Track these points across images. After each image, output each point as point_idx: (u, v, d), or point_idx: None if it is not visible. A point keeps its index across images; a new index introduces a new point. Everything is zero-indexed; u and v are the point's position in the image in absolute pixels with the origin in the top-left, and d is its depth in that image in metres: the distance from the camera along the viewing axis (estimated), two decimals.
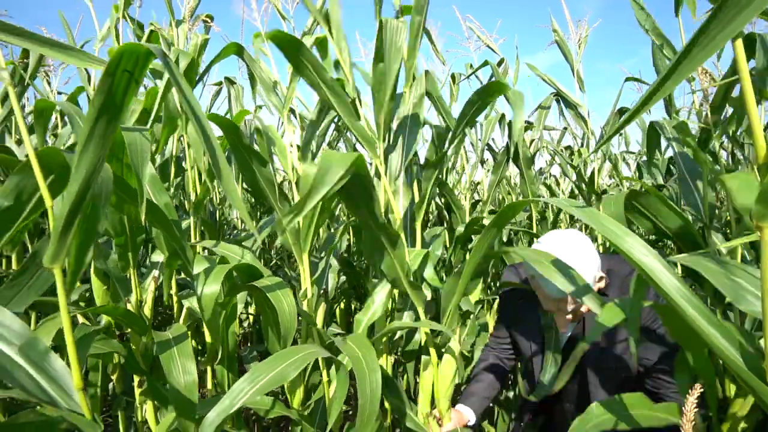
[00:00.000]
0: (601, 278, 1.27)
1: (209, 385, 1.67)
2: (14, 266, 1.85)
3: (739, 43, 0.58)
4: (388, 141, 1.49)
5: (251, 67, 1.66)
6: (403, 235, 1.23)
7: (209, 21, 1.65)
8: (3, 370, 0.67)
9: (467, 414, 1.44)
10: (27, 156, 0.68)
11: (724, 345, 0.54)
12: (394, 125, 1.58)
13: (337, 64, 1.72)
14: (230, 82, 2.70)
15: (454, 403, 1.47)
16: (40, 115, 1.71)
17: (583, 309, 1.29)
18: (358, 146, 2.72)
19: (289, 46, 1.13)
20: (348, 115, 1.20)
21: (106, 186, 0.70)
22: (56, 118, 2.58)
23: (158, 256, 1.81)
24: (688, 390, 0.52)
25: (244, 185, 2.60)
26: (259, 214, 3.34)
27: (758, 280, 0.63)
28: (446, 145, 1.84)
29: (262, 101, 2.37)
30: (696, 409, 0.50)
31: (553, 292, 1.19)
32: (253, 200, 3.33)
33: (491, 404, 2.10)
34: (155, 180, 1.32)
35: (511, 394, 2.31)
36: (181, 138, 1.70)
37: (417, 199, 1.64)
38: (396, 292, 1.55)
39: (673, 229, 1.27)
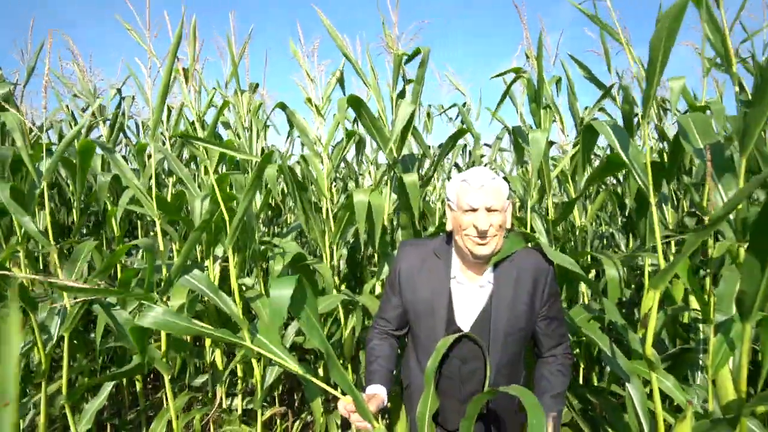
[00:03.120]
0: (510, 205, 1.39)
1: None
2: None
3: None
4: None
5: (291, 118, 2.43)
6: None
7: (256, 89, 2.43)
8: (207, 295, 1.44)
9: (381, 393, 1.38)
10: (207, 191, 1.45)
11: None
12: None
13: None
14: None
15: None
16: (139, 152, 2.46)
17: (496, 245, 1.33)
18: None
19: (355, 104, 1.92)
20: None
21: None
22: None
23: (219, 250, 2.58)
24: None
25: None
26: (270, 217, 4.12)
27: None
28: (433, 167, 2.64)
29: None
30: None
31: (477, 181, 1.31)
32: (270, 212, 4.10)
33: None
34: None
35: None
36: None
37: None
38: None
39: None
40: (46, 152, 2.43)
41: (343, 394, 1.24)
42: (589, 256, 2.48)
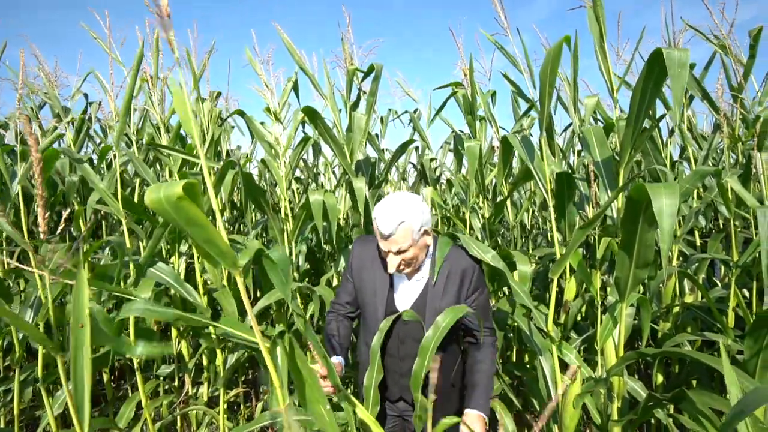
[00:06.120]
0: (426, 232, 1.51)
1: None
2: None
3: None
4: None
5: (249, 125, 2.61)
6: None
7: (218, 97, 2.59)
8: (173, 286, 1.62)
9: (341, 363, 1.65)
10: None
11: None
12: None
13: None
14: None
15: None
16: (101, 156, 2.58)
17: (414, 266, 1.54)
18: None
19: (311, 116, 2.07)
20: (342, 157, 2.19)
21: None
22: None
23: (184, 247, 2.73)
24: None
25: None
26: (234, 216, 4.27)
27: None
28: (384, 173, 2.87)
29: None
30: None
31: (384, 229, 1.43)
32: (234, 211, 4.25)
33: None
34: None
35: None
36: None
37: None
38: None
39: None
40: (8, 153, 2.52)
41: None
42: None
